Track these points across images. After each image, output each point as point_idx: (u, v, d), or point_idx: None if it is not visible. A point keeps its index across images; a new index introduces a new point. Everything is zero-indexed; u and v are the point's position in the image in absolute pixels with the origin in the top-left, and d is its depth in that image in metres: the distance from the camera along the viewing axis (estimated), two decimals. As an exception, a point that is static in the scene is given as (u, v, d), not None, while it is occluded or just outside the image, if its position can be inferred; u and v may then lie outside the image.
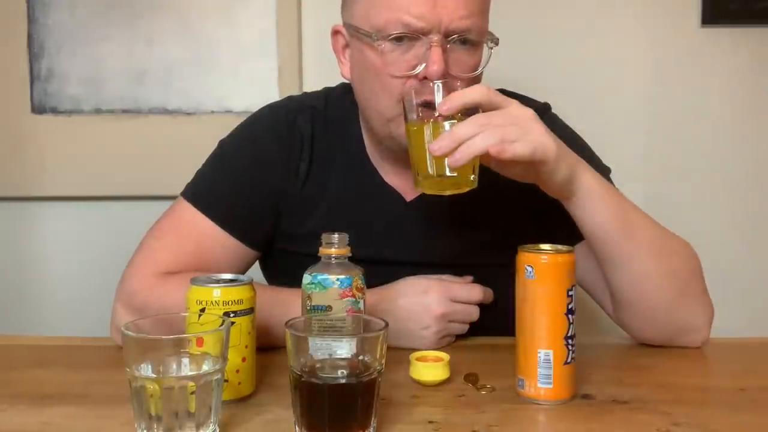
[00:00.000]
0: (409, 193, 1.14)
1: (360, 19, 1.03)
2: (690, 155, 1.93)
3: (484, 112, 0.92)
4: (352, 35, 1.06)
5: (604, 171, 1.16)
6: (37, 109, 1.94)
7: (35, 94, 1.93)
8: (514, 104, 0.93)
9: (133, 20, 1.90)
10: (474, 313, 1.08)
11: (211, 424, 0.74)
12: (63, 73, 1.93)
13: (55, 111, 1.94)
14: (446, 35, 0.99)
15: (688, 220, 1.93)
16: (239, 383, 0.86)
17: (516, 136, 0.89)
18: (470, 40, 1.01)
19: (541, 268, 0.85)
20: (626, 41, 1.91)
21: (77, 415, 0.84)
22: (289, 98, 1.25)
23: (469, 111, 0.93)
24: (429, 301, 1.05)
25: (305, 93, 1.13)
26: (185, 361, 0.74)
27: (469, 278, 1.10)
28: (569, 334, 0.85)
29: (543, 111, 1.17)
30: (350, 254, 0.91)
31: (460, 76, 1.01)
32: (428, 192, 0.96)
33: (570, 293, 0.85)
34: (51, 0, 1.91)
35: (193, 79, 1.92)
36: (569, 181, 0.96)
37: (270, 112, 1.20)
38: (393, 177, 1.15)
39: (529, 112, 0.93)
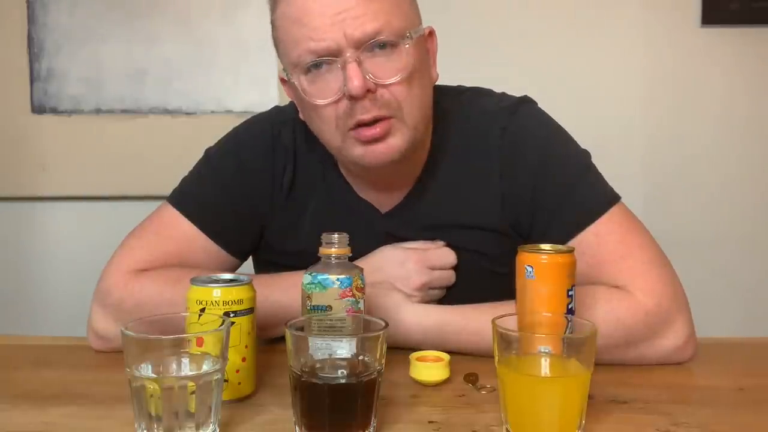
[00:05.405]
0: (384, 206, 1.13)
1: (284, 60, 1.03)
2: (690, 155, 1.94)
3: None
4: (287, 78, 1.05)
5: (583, 155, 1.10)
6: (37, 109, 1.94)
7: (35, 94, 1.94)
8: None
9: (132, 20, 1.91)
10: (451, 278, 1.08)
11: (211, 424, 0.74)
12: (63, 73, 1.93)
13: (55, 111, 1.94)
14: (358, 47, 0.96)
15: (688, 220, 1.94)
16: (239, 383, 0.86)
17: None
18: (386, 42, 0.96)
19: (541, 268, 0.85)
20: (626, 41, 1.91)
21: (78, 415, 0.84)
22: (276, 108, 1.24)
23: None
24: (409, 272, 1.05)
25: (292, 102, 1.13)
26: (185, 361, 0.74)
27: (441, 243, 1.10)
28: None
29: (513, 108, 1.11)
30: (350, 254, 0.91)
31: (384, 83, 0.97)
32: None
33: (570, 293, 0.85)
34: (51, 0, 1.91)
35: (193, 79, 1.92)
36: None
37: (255, 123, 1.19)
38: (366, 192, 1.14)
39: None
